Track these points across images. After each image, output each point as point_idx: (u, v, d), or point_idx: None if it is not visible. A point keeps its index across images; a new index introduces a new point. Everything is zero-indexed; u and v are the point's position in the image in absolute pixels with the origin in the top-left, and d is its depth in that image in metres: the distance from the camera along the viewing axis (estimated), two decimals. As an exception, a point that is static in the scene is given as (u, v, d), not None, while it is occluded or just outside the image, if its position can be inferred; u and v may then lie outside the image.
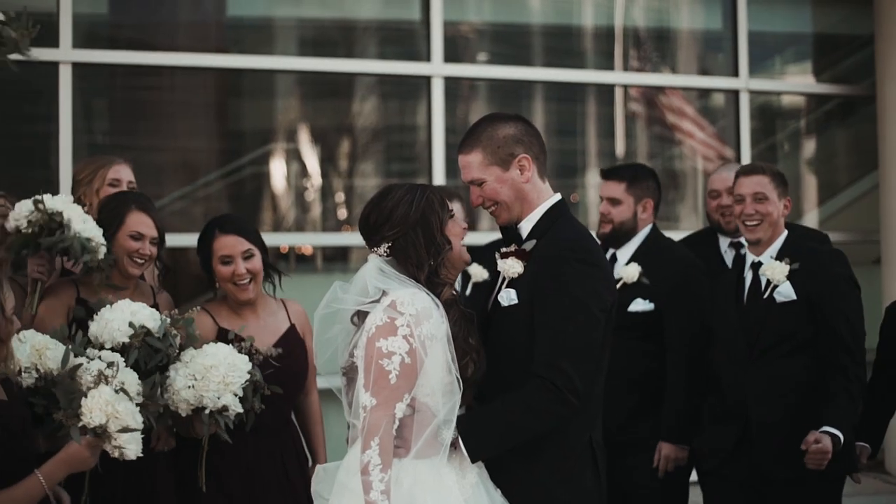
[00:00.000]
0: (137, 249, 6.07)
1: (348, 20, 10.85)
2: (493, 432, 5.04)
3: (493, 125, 5.33)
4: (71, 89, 9.29)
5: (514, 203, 5.31)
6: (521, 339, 5.11)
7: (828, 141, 12.49)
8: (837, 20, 12.41)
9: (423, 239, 5.08)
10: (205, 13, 10.56)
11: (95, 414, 4.99)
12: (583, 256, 5.14)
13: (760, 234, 6.74)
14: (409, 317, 4.89)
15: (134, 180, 6.94)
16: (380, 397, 4.85)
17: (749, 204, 6.75)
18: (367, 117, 10.97)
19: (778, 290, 6.61)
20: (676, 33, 11.87)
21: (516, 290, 5.20)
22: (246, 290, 6.22)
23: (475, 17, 11.24)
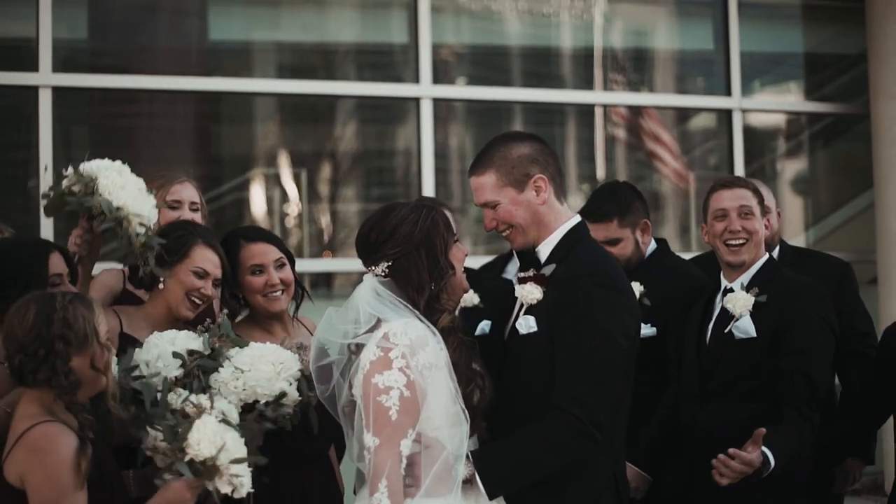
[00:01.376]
0: (199, 288, 5.52)
1: (333, 43, 10.73)
2: (511, 467, 4.80)
3: (507, 144, 5.13)
4: (51, 114, 9.08)
5: (530, 226, 5.10)
6: (542, 369, 4.89)
7: (821, 160, 12.41)
8: (828, 38, 12.36)
9: (426, 261, 4.83)
10: (186, 37, 10.35)
11: (204, 446, 4.60)
12: (604, 281, 4.93)
13: (745, 256, 6.08)
14: (403, 347, 4.64)
15: (198, 200, 6.39)
16: (382, 436, 4.59)
17: (734, 220, 6.09)
18: (355, 141, 10.82)
19: (737, 325, 6.00)
20: (668, 54, 11.79)
21: (535, 318, 4.98)
22: (278, 301, 5.76)
23: (462, 38, 11.12)
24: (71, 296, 4.61)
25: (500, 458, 4.81)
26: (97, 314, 4.56)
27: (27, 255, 5.21)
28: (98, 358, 4.53)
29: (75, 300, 4.57)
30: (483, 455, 4.80)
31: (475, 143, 10.60)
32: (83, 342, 4.50)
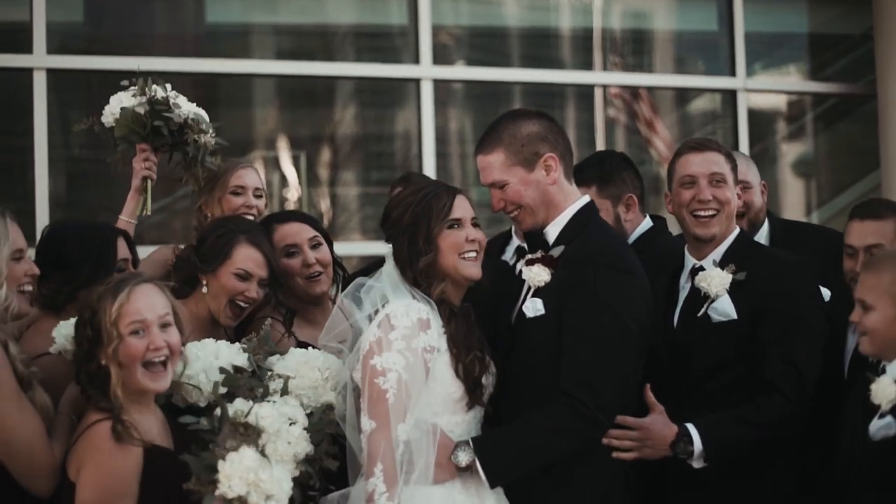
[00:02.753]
0: (242, 292, 5.28)
1: (332, 24, 10.59)
2: (514, 454, 4.71)
3: (516, 122, 5.01)
4: (45, 97, 8.93)
5: (540, 207, 4.98)
6: (549, 353, 4.79)
7: (827, 141, 12.28)
8: (833, 18, 12.22)
9: (407, 244, 4.82)
10: (183, 19, 10.20)
11: (235, 483, 4.30)
12: (613, 262, 4.83)
13: (716, 229, 5.43)
14: (403, 329, 4.62)
15: (262, 186, 6.31)
16: (379, 419, 4.54)
17: (704, 188, 5.44)
18: (355, 124, 10.69)
19: (713, 306, 5.35)
20: (672, 34, 11.67)
21: (543, 300, 4.87)
22: (318, 282, 5.60)
23: (462, 20, 10.96)
24: (107, 287, 4.45)
25: (501, 444, 4.72)
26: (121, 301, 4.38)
27: (94, 239, 5.12)
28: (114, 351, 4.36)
29: (106, 294, 4.41)
30: (484, 442, 4.70)
31: (476, 125, 10.50)
32: (99, 334, 4.36)
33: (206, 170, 5.92)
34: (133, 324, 4.38)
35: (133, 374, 4.37)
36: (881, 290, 4.70)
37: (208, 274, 5.27)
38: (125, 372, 4.36)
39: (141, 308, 4.41)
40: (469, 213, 4.91)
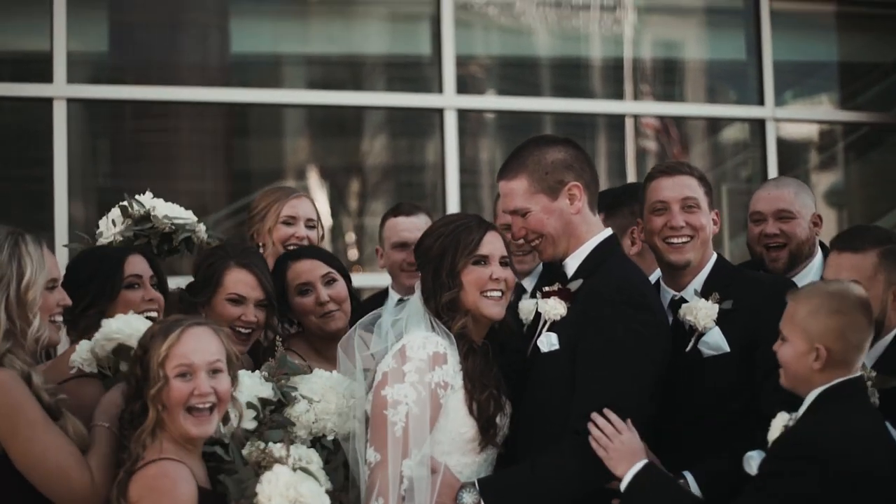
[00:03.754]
0: (240, 316, 5.17)
1: (357, 55, 10.53)
2: (522, 498, 4.58)
3: (541, 148, 4.90)
4: (66, 126, 8.87)
5: (562, 237, 4.85)
6: (562, 390, 4.67)
7: (855, 171, 12.16)
8: (862, 47, 12.13)
9: (432, 275, 4.74)
10: (207, 49, 10.16)
11: (276, 501, 4.22)
12: (632, 298, 4.70)
13: (690, 255, 5.15)
14: (418, 362, 4.52)
15: (315, 217, 6.19)
16: (383, 452, 4.44)
17: (676, 213, 5.16)
18: (378, 153, 10.67)
19: (704, 340, 5.03)
20: (700, 64, 11.61)
21: (558, 335, 4.74)
22: (333, 318, 5.42)
23: (491, 50, 10.95)
24: (161, 326, 4.35)
25: (508, 487, 4.60)
26: (171, 342, 4.26)
27: (102, 258, 5.05)
28: (158, 393, 4.23)
29: (158, 333, 4.30)
30: (490, 484, 4.59)
31: (503, 155, 10.37)
32: (146, 374, 4.25)
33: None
34: (180, 367, 4.25)
35: (176, 418, 4.24)
36: (795, 323, 4.48)
37: (204, 306, 5.16)
38: (168, 416, 4.24)
39: (190, 351, 4.28)
40: (499, 250, 4.80)
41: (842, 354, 4.42)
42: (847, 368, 4.45)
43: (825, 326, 4.41)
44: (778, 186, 6.21)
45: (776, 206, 6.00)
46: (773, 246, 5.97)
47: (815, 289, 4.60)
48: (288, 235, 6.03)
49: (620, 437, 4.55)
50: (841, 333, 4.42)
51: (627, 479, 4.56)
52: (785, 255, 5.96)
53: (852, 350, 4.45)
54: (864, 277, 4.81)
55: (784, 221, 5.96)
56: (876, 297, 4.75)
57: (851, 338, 4.44)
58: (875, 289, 4.79)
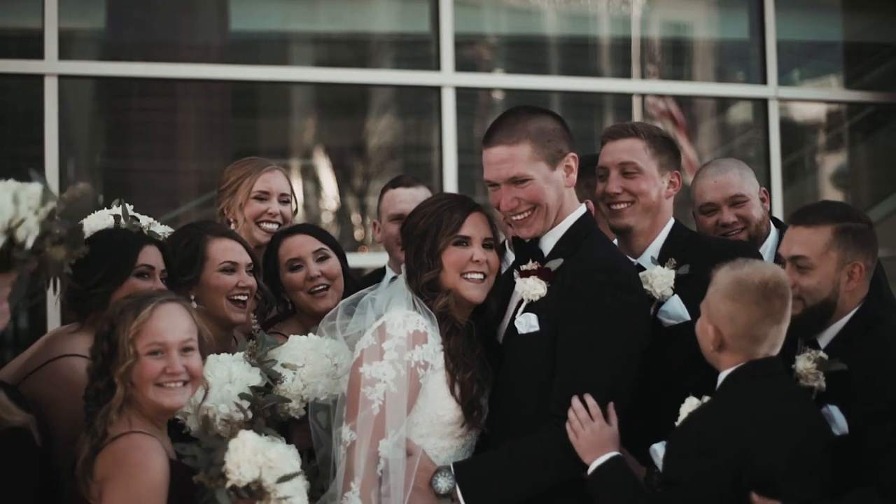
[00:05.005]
0: (236, 283, 5.04)
1: (360, 33, 10.45)
2: (498, 484, 4.50)
3: (537, 116, 4.73)
4: (57, 104, 8.73)
5: (553, 210, 4.69)
6: (541, 373, 4.55)
7: (861, 152, 12.14)
8: (868, 27, 12.07)
9: (414, 254, 4.69)
10: (203, 26, 10.06)
11: (245, 468, 4.09)
12: (620, 281, 4.58)
13: (630, 220, 5.06)
14: (398, 339, 4.45)
15: (289, 191, 5.99)
16: (361, 431, 4.36)
17: (613, 179, 5.09)
18: (379, 131, 10.57)
19: (663, 309, 4.95)
20: (705, 43, 11.52)
21: (538, 316, 4.60)
22: (323, 298, 5.33)
23: (486, 28, 10.82)
24: (130, 301, 4.25)
25: (485, 472, 4.50)
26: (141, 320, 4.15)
27: (118, 242, 4.90)
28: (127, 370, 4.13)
29: (127, 309, 4.20)
30: (466, 468, 4.50)
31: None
32: (114, 350, 4.15)
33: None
34: (152, 345, 4.17)
35: (146, 393, 4.15)
36: (706, 298, 4.38)
37: (193, 286, 5.02)
38: (138, 392, 4.15)
39: (162, 329, 4.20)
40: (482, 232, 4.70)
41: (732, 339, 4.32)
42: (743, 355, 4.34)
43: (718, 309, 4.33)
44: (722, 172, 5.92)
45: (727, 193, 5.78)
46: (733, 233, 5.75)
47: (729, 269, 4.40)
48: (260, 211, 5.85)
49: (593, 424, 4.45)
50: (730, 319, 4.32)
51: (591, 468, 4.47)
52: (744, 238, 5.75)
53: (742, 337, 4.33)
54: (814, 253, 4.59)
55: (739, 207, 5.76)
56: (827, 275, 4.56)
57: (740, 325, 4.32)
58: (825, 266, 4.57)
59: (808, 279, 4.57)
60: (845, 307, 4.62)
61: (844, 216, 4.67)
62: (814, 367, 4.54)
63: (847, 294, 4.60)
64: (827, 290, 4.56)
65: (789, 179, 11.11)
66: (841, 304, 4.60)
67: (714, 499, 4.19)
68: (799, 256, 4.61)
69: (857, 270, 4.58)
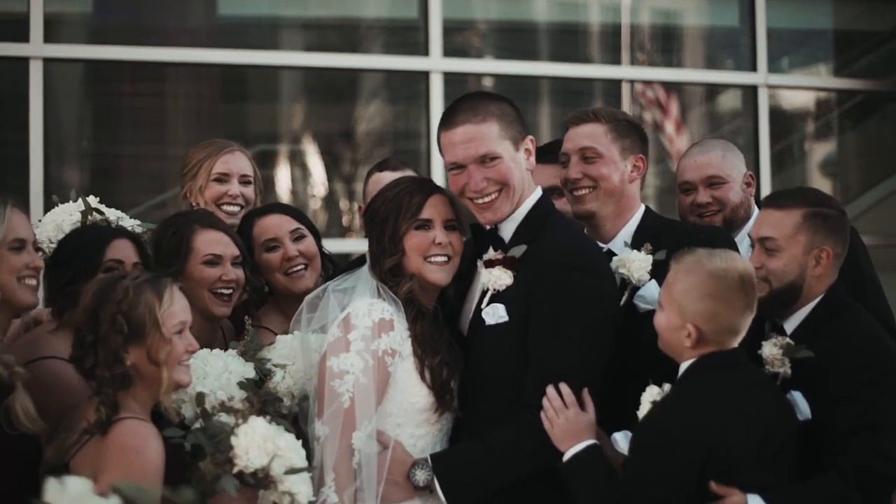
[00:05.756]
0: (220, 277, 4.94)
1: (347, 18, 10.44)
2: (476, 475, 4.44)
3: (496, 98, 4.65)
4: (42, 87, 8.69)
5: (518, 192, 4.60)
6: (512, 363, 4.50)
7: (850, 139, 12.12)
8: (858, 15, 12.03)
9: (376, 240, 4.60)
10: (192, 9, 10.00)
11: (253, 454, 4.03)
12: (587, 265, 4.53)
13: (592, 206, 4.96)
14: (363, 329, 4.38)
15: (251, 173, 5.87)
16: (333, 425, 4.31)
17: (573, 165, 5.00)
18: (367, 116, 10.51)
19: (640, 294, 4.84)
20: (695, 30, 11.50)
21: (506, 306, 4.53)
22: (302, 278, 5.22)
23: (476, 14, 10.80)
24: (143, 278, 4.20)
25: (462, 463, 4.46)
26: (167, 301, 4.13)
27: (88, 237, 4.86)
28: (156, 350, 4.09)
29: (144, 283, 4.15)
30: (444, 459, 4.45)
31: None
32: (139, 331, 4.10)
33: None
34: (179, 324, 4.16)
35: (171, 372, 4.13)
36: (672, 295, 4.33)
37: (178, 277, 4.87)
38: (159, 372, 4.12)
39: (183, 308, 4.21)
40: (443, 214, 4.60)
41: (713, 335, 4.29)
42: (718, 346, 4.32)
43: (696, 308, 4.27)
44: (704, 152, 5.86)
45: (705, 174, 5.71)
46: (707, 214, 5.69)
47: (697, 263, 4.33)
48: (220, 193, 5.75)
49: (567, 412, 4.41)
50: (713, 317, 4.27)
51: (566, 457, 4.44)
52: (719, 221, 5.68)
53: (724, 332, 4.31)
54: (782, 236, 4.59)
55: (715, 188, 5.68)
56: (794, 258, 4.56)
57: (723, 321, 4.29)
58: (793, 249, 4.57)
59: (775, 261, 4.57)
60: (812, 292, 4.62)
61: (817, 202, 4.67)
62: (780, 353, 4.53)
63: (813, 279, 4.60)
64: (793, 273, 4.57)
65: (778, 167, 11.09)
66: (807, 289, 4.60)
67: (680, 491, 4.17)
68: (767, 238, 4.61)
69: (824, 256, 4.58)
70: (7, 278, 4.37)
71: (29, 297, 4.47)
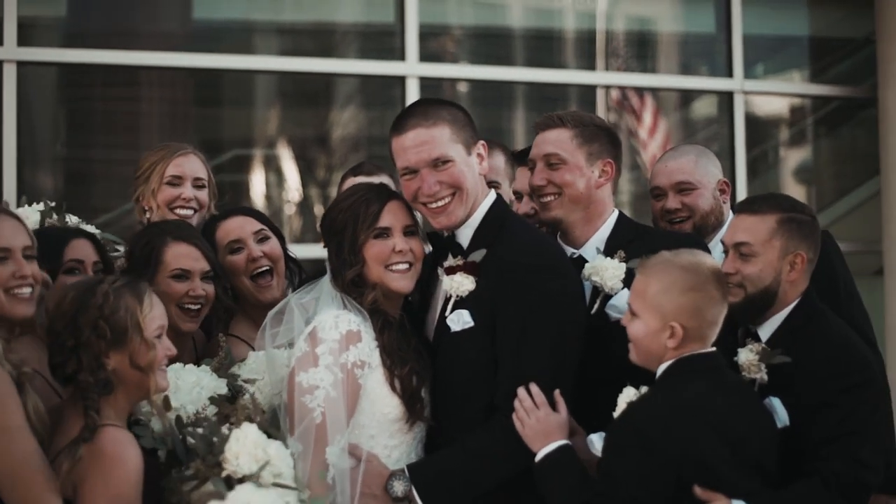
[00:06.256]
0: (186, 292, 4.91)
1: (323, 23, 10.38)
2: (454, 482, 4.45)
3: (446, 104, 4.71)
4: (16, 91, 8.61)
5: (471, 196, 4.62)
6: (481, 368, 4.51)
7: (826, 146, 12.12)
8: (834, 21, 12.03)
9: (335, 251, 4.59)
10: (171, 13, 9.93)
11: (243, 460, 4.02)
12: (549, 264, 4.55)
13: (557, 213, 4.94)
14: (331, 342, 4.37)
15: (205, 176, 5.83)
16: (305, 440, 4.28)
17: (538, 172, 4.99)
18: (342, 122, 10.45)
19: (611, 303, 4.83)
20: (670, 36, 11.47)
21: (470, 311, 4.54)
22: (269, 287, 5.19)
23: (452, 19, 10.74)
24: (121, 282, 4.19)
25: (439, 472, 4.46)
26: (147, 306, 4.14)
27: (47, 238, 4.74)
28: (138, 355, 4.10)
29: (123, 288, 4.15)
30: (421, 469, 4.45)
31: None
32: (121, 336, 4.09)
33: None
34: (158, 328, 4.18)
35: (152, 377, 4.14)
36: (647, 299, 4.34)
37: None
38: (141, 377, 4.12)
39: (161, 313, 4.23)
40: (402, 220, 4.60)
41: (697, 331, 4.32)
42: (702, 343, 4.34)
43: (679, 304, 4.30)
44: (675, 157, 5.86)
45: (675, 179, 5.70)
46: (677, 220, 5.68)
47: (667, 262, 4.38)
48: (173, 197, 5.72)
49: (538, 413, 4.41)
50: (696, 310, 4.31)
51: (538, 457, 4.45)
52: (689, 228, 5.66)
53: (707, 325, 4.34)
54: (757, 241, 4.61)
55: (685, 194, 5.67)
56: (769, 263, 4.59)
57: (707, 314, 4.33)
58: (768, 254, 4.60)
59: (751, 266, 4.60)
60: (786, 298, 4.65)
61: (790, 207, 4.71)
62: (756, 359, 4.57)
63: (788, 284, 4.63)
64: (768, 278, 4.59)
65: (753, 173, 11.10)
66: (782, 295, 4.64)
67: (657, 494, 4.18)
68: (743, 243, 4.63)
69: (799, 260, 4.62)
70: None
71: (20, 308, 4.34)
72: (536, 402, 4.40)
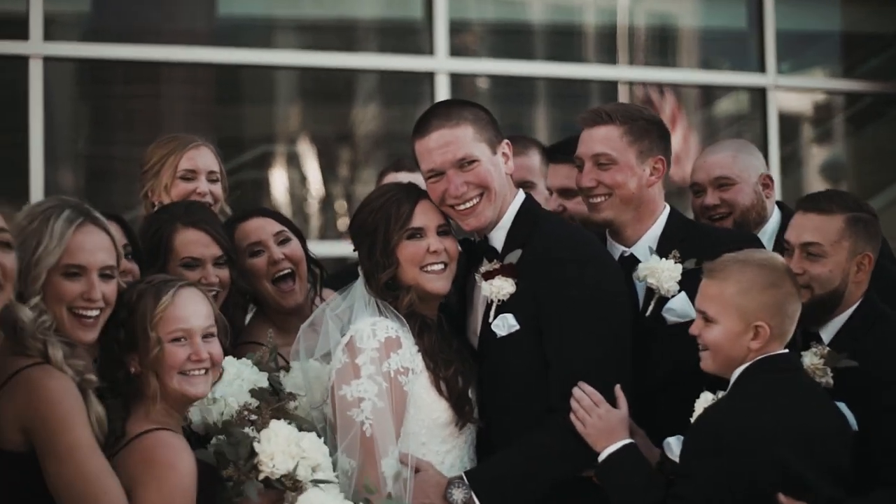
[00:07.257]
0: (199, 280, 4.62)
1: (350, 18, 10.35)
2: (514, 485, 4.34)
3: (468, 104, 4.61)
4: (42, 87, 8.58)
5: (500, 197, 4.50)
6: (532, 370, 4.40)
7: (857, 142, 12.05)
8: (866, 16, 11.99)
9: (367, 254, 4.45)
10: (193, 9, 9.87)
11: (279, 459, 3.94)
12: (587, 256, 4.44)
13: (608, 214, 4.71)
14: (371, 352, 4.23)
15: (217, 169, 5.60)
16: (358, 456, 4.16)
17: (586, 172, 4.75)
18: (367, 118, 10.40)
19: (669, 306, 4.61)
20: (702, 32, 11.43)
21: (514, 314, 4.41)
22: (292, 292, 4.95)
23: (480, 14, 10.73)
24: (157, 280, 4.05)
25: (499, 475, 4.35)
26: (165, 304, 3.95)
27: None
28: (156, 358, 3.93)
29: (146, 293, 3.99)
30: (479, 474, 4.34)
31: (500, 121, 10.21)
32: (133, 337, 3.95)
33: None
34: (176, 331, 3.97)
35: (169, 382, 3.95)
36: (724, 301, 4.21)
37: None
38: (161, 382, 3.95)
39: (187, 315, 4.01)
40: (434, 220, 4.47)
41: (780, 328, 4.24)
42: (782, 341, 4.25)
43: (761, 303, 4.20)
44: (714, 152, 5.72)
45: (713, 174, 5.53)
46: (717, 217, 5.51)
47: (739, 262, 4.27)
48: (188, 191, 5.46)
49: (598, 410, 4.30)
50: (778, 307, 4.23)
51: (602, 456, 4.34)
52: (729, 224, 5.51)
53: (788, 322, 4.27)
54: (827, 241, 4.46)
55: (724, 190, 5.49)
56: (838, 264, 4.45)
57: (788, 310, 4.25)
58: (838, 255, 4.46)
59: (820, 267, 4.46)
60: (851, 299, 4.52)
61: (856, 206, 4.57)
62: (821, 362, 4.43)
63: (854, 285, 4.50)
64: (837, 279, 4.46)
65: (786, 169, 11.02)
66: (848, 296, 4.50)
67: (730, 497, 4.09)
68: (812, 243, 4.47)
69: (866, 261, 4.50)
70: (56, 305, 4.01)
71: (82, 333, 4.01)
72: (594, 399, 4.29)
